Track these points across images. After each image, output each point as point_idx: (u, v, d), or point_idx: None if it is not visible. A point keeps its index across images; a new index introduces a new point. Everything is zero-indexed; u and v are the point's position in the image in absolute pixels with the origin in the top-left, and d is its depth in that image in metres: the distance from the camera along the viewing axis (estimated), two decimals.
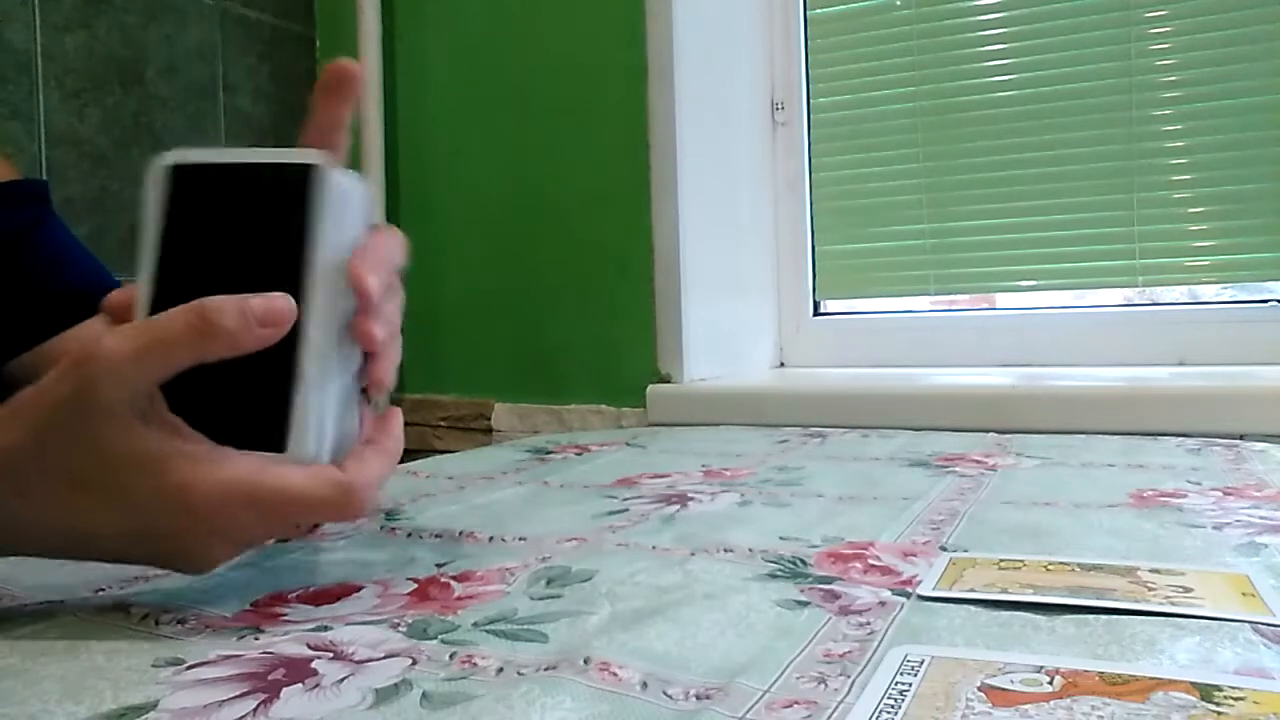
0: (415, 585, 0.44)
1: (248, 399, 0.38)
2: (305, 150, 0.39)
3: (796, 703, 0.30)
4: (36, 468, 0.35)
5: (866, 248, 1.34)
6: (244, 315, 0.36)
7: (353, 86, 0.43)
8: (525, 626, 0.38)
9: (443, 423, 1.32)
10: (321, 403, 0.38)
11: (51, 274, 0.61)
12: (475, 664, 0.34)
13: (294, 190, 0.38)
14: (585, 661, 0.34)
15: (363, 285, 0.38)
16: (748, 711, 0.30)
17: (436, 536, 0.54)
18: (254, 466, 0.36)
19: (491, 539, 0.53)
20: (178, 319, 0.35)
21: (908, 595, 0.41)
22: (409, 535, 0.55)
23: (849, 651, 0.35)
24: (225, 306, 0.35)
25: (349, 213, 0.39)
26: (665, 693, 0.31)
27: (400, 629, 0.38)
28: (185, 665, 0.34)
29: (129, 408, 0.35)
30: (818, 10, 1.35)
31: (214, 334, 0.35)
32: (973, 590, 0.41)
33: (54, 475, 0.35)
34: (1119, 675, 0.31)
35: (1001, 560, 0.46)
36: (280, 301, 0.37)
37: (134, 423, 0.35)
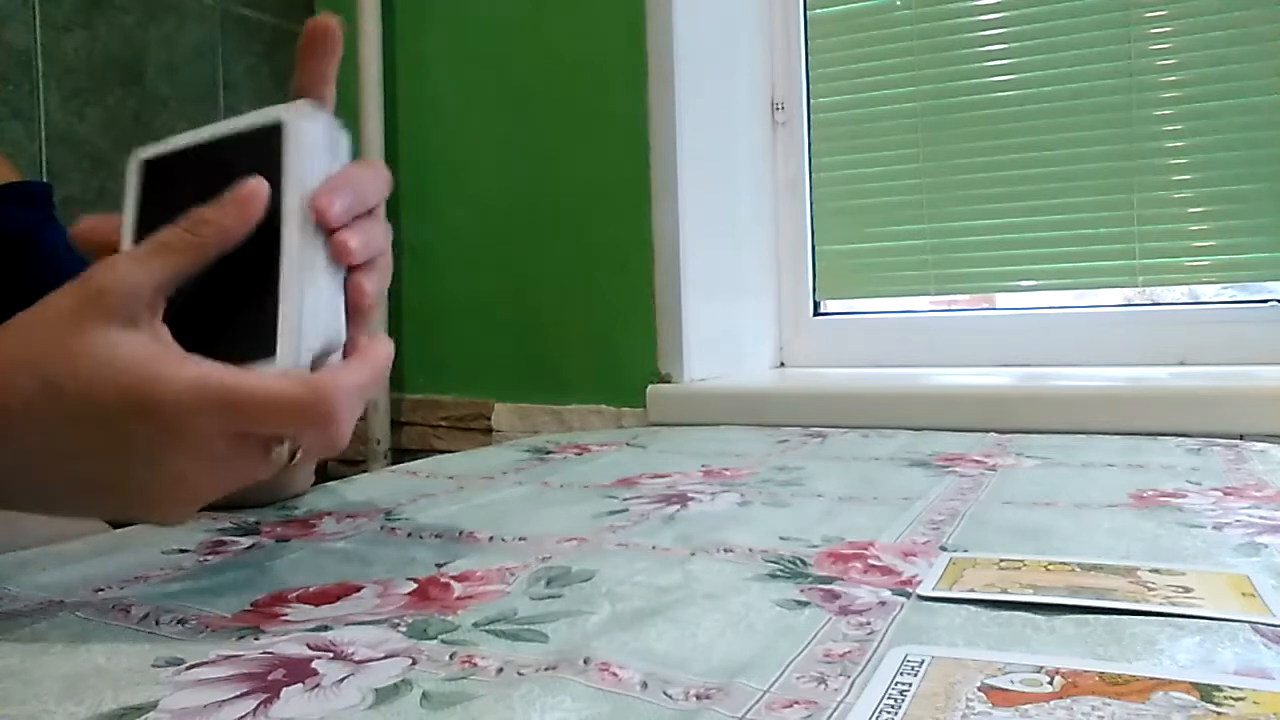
0: (415, 585, 0.44)
1: (235, 318, 0.39)
2: (265, 111, 0.41)
3: (796, 703, 0.30)
4: (18, 382, 0.35)
5: (866, 248, 1.34)
6: (222, 206, 0.38)
7: (333, 42, 0.44)
8: (525, 626, 0.38)
9: (443, 423, 1.32)
10: (301, 318, 0.38)
11: (55, 275, 0.61)
12: (475, 664, 0.34)
13: (258, 148, 0.40)
14: (585, 661, 0.34)
15: (320, 209, 0.39)
16: (748, 711, 0.30)
17: (436, 536, 0.54)
18: (220, 367, 0.36)
19: (491, 539, 0.53)
20: (172, 228, 0.38)
21: (908, 595, 0.41)
22: (409, 535, 0.55)
23: (849, 651, 0.35)
24: (205, 208, 0.38)
25: (317, 153, 0.41)
26: (665, 693, 0.31)
27: (400, 629, 0.38)
28: (185, 665, 0.34)
29: (124, 314, 0.35)
30: (818, 10, 1.35)
31: (204, 229, 0.37)
32: (973, 590, 0.41)
33: (29, 384, 0.35)
34: (1119, 675, 0.31)
35: (1001, 560, 0.46)
36: (249, 185, 0.38)
37: (120, 330, 0.35)
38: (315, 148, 0.41)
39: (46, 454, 0.36)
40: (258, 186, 0.38)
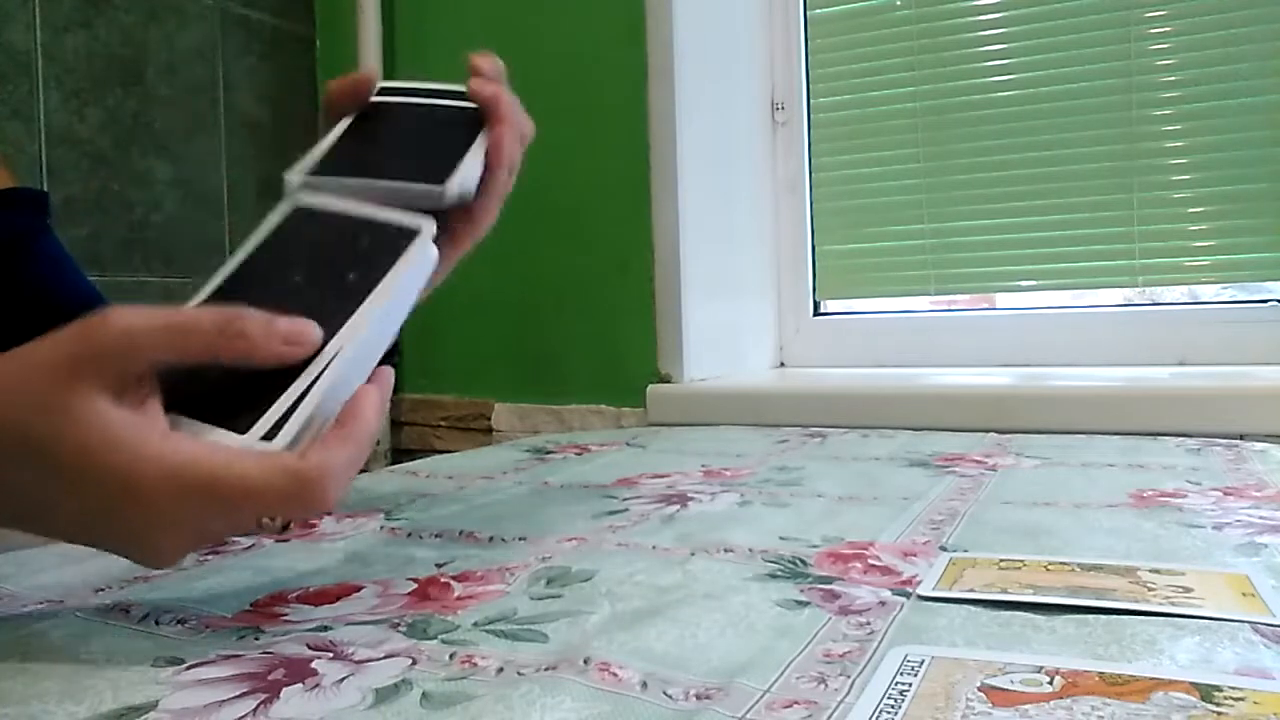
0: (415, 585, 0.44)
1: (243, 385, 0.37)
2: (413, 215, 0.43)
3: (796, 703, 0.30)
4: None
5: (866, 248, 1.34)
6: (268, 330, 0.36)
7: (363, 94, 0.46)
8: (525, 626, 0.38)
9: (443, 423, 1.32)
10: (315, 407, 0.37)
11: (51, 283, 0.61)
12: (475, 664, 0.34)
13: (388, 245, 0.41)
14: (585, 661, 0.34)
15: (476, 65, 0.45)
16: (748, 711, 0.30)
17: (436, 536, 0.54)
18: (203, 453, 0.34)
19: (491, 539, 0.53)
20: (205, 313, 0.36)
21: (908, 595, 0.41)
22: (409, 535, 0.55)
23: (849, 651, 0.35)
24: (253, 316, 0.36)
25: (420, 267, 0.42)
26: (665, 693, 0.31)
27: (400, 629, 0.38)
28: (185, 665, 0.34)
29: (115, 383, 0.34)
30: (818, 10, 1.35)
31: (235, 336, 0.35)
32: (973, 590, 0.41)
33: (11, 443, 0.34)
34: (1119, 675, 0.31)
35: (1001, 560, 0.46)
36: (307, 328, 0.37)
37: (107, 400, 0.33)
38: (421, 266, 0.42)
39: (24, 501, 0.35)
40: (311, 334, 0.37)
